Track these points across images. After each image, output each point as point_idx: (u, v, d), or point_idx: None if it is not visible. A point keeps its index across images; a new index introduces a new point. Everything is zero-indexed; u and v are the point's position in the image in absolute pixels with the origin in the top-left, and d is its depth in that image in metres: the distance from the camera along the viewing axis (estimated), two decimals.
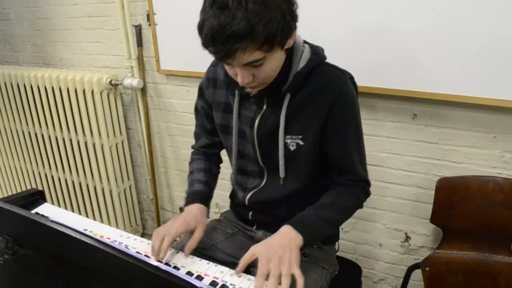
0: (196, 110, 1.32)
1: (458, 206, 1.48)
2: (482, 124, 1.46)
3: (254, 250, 0.97)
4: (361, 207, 1.18)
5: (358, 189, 1.16)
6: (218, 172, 1.38)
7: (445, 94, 1.43)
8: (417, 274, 1.60)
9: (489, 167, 1.51)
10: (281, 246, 0.96)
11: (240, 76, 0.96)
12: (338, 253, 1.36)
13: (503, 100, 1.35)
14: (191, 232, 1.09)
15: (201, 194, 1.23)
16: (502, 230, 1.45)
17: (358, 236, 1.87)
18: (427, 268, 1.53)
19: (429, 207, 1.53)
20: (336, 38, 1.48)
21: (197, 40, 1.94)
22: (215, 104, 1.22)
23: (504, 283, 1.45)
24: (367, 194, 1.19)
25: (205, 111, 1.27)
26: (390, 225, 1.78)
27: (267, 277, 0.90)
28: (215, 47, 0.88)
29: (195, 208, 1.17)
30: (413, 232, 1.74)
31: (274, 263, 0.91)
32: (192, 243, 1.06)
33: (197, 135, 1.36)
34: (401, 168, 1.66)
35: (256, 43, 0.87)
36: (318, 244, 1.24)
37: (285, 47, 0.98)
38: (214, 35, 0.86)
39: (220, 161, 1.40)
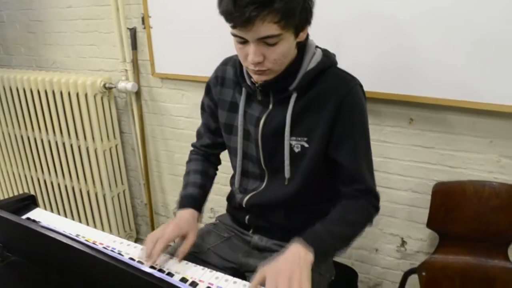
0: (202, 108, 1.31)
1: (454, 211, 1.48)
2: (478, 129, 1.46)
3: (263, 270, 0.92)
4: (371, 223, 1.12)
5: (367, 202, 1.11)
6: (215, 175, 1.36)
7: (442, 99, 1.43)
8: (414, 279, 1.59)
9: (485, 171, 1.50)
10: (291, 264, 0.91)
11: (252, 53, 0.96)
12: (334, 258, 1.35)
13: (500, 105, 1.35)
14: (184, 237, 1.08)
15: (194, 198, 1.21)
16: (498, 234, 1.45)
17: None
18: (423, 273, 1.52)
19: (425, 212, 1.53)
20: (331, 39, 1.48)
21: (192, 43, 1.94)
22: (220, 103, 1.22)
23: None
24: (377, 209, 1.14)
25: (210, 109, 1.27)
26: (386, 230, 1.77)
27: None
28: (235, 11, 0.89)
29: (187, 214, 1.15)
30: (409, 237, 1.73)
31: (283, 282, 0.87)
32: (185, 247, 1.05)
33: (199, 134, 1.35)
34: (397, 173, 1.65)
35: (275, 14, 0.90)
36: None
37: (298, 38, 1.01)
38: None
39: (219, 162, 1.38)
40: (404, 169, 1.64)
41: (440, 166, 1.57)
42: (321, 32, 1.15)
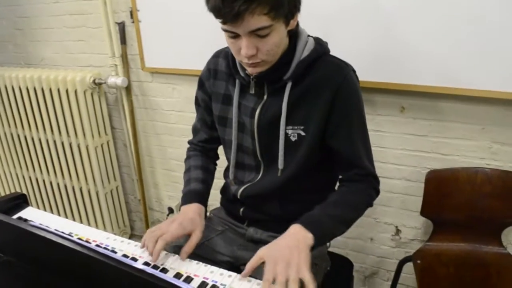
0: (197, 103, 1.30)
1: (448, 198, 1.48)
2: (470, 116, 1.46)
3: (261, 253, 0.92)
4: (371, 205, 1.14)
5: (367, 185, 1.13)
6: (215, 169, 1.35)
7: (433, 86, 1.42)
8: (409, 267, 1.60)
9: (477, 158, 1.51)
10: (289, 248, 0.90)
11: (245, 47, 0.96)
12: (330, 249, 1.35)
13: (491, 91, 1.35)
14: (188, 235, 1.06)
15: (198, 193, 1.20)
16: (491, 220, 1.45)
17: (348, 231, 1.84)
18: (418, 261, 1.53)
19: (419, 200, 1.53)
20: (321, 29, 1.47)
21: (182, 36, 1.92)
22: (214, 95, 1.21)
23: (495, 273, 1.45)
24: (377, 191, 1.15)
25: (205, 103, 1.26)
26: (380, 219, 1.77)
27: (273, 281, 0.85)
28: (224, 7, 0.88)
29: (192, 210, 1.13)
30: (403, 225, 1.74)
31: (281, 267, 0.86)
32: (189, 247, 1.02)
33: (195, 130, 1.34)
34: (390, 162, 1.65)
35: (264, 6, 0.89)
36: None
37: (289, 26, 1.00)
38: None
39: (217, 157, 1.37)
40: (397, 157, 1.64)
41: (432, 154, 1.57)
42: (310, 21, 1.14)
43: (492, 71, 1.33)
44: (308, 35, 1.11)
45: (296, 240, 0.93)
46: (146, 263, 0.98)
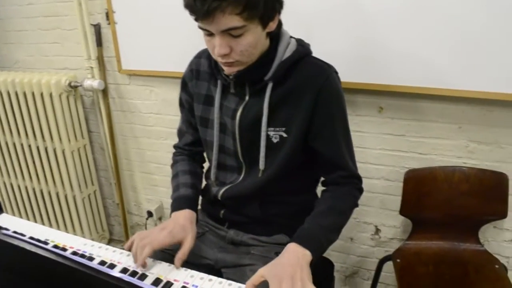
0: (181, 104, 1.28)
1: (426, 197, 1.50)
2: (447, 115, 1.48)
3: (262, 272, 0.91)
4: (357, 205, 1.15)
5: (351, 187, 1.13)
6: (202, 173, 1.33)
7: (410, 87, 1.44)
8: (389, 266, 1.61)
9: (455, 157, 1.53)
10: (291, 265, 0.91)
11: (218, 45, 0.95)
12: None
13: (468, 91, 1.37)
14: (179, 243, 1.04)
15: (188, 199, 1.18)
16: (469, 218, 1.48)
17: None
18: (398, 260, 1.54)
19: (398, 199, 1.55)
20: (301, 29, 1.48)
21: (159, 38, 1.90)
22: (196, 96, 1.20)
23: (473, 270, 1.47)
24: (361, 191, 1.16)
25: (189, 104, 1.24)
26: (360, 218, 1.78)
27: None
28: (196, 4, 0.88)
29: (183, 216, 1.11)
30: (383, 224, 1.75)
31: (287, 283, 0.86)
32: (182, 254, 1.01)
33: (180, 133, 1.32)
34: (369, 162, 1.67)
35: (236, 6, 0.88)
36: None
37: (267, 28, 1.00)
38: None
39: (204, 160, 1.35)
40: (375, 157, 1.65)
41: (410, 154, 1.59)
42: (291, 22, 1.14)
43: (468, 71, 1.35)
44: (291, 37, 1.11)
45: (296, 257, 0.93)
46: (124, 270, 0.96)
